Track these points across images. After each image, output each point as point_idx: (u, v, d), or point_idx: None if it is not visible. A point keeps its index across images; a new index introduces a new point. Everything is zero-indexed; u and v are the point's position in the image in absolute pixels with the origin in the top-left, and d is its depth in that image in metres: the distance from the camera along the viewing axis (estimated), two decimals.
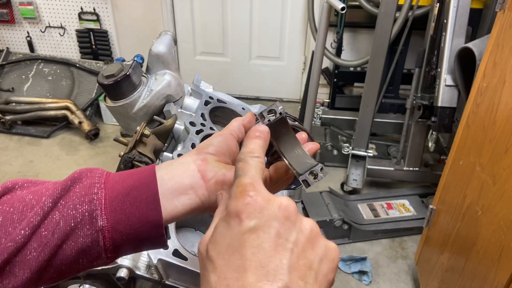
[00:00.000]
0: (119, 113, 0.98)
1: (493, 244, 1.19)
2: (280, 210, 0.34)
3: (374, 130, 2.65)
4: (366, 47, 3.03)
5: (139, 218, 0.41)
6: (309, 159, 0.43)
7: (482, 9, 2.28)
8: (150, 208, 0.41)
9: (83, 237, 0.40)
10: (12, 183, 0.44)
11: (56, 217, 0.40)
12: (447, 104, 1.94)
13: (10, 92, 3.22)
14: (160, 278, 0.75)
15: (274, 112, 0.44)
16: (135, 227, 0.41)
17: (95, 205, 0.40)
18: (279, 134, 0.44)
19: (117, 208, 0.41)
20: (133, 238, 0.42)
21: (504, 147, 1.16)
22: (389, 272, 2.02)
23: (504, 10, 1.23)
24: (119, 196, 0.41)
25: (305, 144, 0.48)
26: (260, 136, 0.42)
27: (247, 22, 3.23)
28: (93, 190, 0.41)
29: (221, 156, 0.46)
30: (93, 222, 0.40)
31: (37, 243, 0.39)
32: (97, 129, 3.00)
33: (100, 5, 3.18)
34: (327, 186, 2.40)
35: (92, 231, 0.40)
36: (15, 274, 0.39)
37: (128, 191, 0.42)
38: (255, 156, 0.39)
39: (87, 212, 0.40)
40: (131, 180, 0.43)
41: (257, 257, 0.32)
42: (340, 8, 1.52)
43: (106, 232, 0.40)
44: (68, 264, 0.41)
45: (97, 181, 0.42)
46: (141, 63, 0.98)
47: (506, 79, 1.18)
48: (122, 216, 0.41)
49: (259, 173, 0.38)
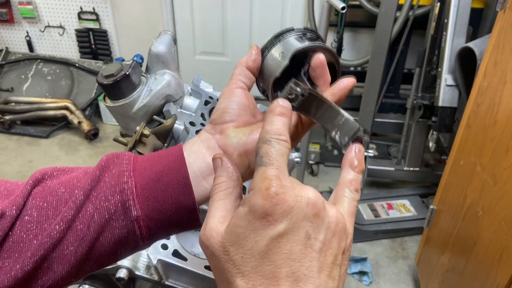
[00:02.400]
0: (119, 113, 0.98)
1: (493, 244, 1.19)
2: (309, 207, 0.32)
3: (375, 130, 2.65)
4: (367, 46, 3.03)
5: (172, 204, 0.40)
6: (350, 122, 0.39)
7: (482, 9, 2.28)
8: (182, 193, 0.40)
9: (119, 228, 0.40)
10: (41, 174, 0.43)
11: (90, 210, 0.39)
12: (447, 104, 1.94)
13: (10, 92, 3.21)
14: (159, 279, 0.74)
15: (297, 96, 0.39)
16: (169, 213, 0.40)
17: (127, 195, 0.39)
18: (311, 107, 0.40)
19: (149, 196, 0.40)
20: (168, 223, 0.41)
21: (505, 147, 1.16)
22: (390, 273, 2.02)
23: (504, 10, 1.22)
24: (150, 183, 0.40)
25: (338, 82, 0.44)
26: (285, 114, 0.36)
27: (247, 22, 3.22)
28: (122, 179, 0.40)
29: (239, 119, 0.44)
30: (127, 212, 0.39)
31: (73, 237, 0.39)
32: (96, 129, 3.00)
33: (99, 4, 3.18)
34: (327, 186, 2.39)
35: (127, 221, 0.39)
36: (54, 270, 0.39)
37: (158, 177, 0.40)
38: (282, 140, 0.34)
39: (120, 202, 0.39)
40: (160, 165, 0.41)
41: (287, 263, 0.31)
42: (340, 7, 1.51)
43: (142, 222, 0.40)
44: (107, 256, 0.41)
45: (125, 168, 0.41)
46: (140, 63, 0.98)
47: (507, 79, 1.18)
48: (155, 204, 0.40)
49: (285, 162, 0.34)
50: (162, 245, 0.73)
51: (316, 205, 0.32)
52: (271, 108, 0.37)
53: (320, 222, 0.32)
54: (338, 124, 0.40)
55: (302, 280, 0.31)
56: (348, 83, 0.44)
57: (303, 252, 0.31)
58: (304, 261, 0.31)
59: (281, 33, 0.46)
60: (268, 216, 0.31)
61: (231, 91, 0.45)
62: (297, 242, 0.31)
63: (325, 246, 0.32)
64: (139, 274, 0.74)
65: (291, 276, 0.31)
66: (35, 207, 0.40)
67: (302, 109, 0.40)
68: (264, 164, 0.33)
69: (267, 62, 0.46)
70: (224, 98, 0.45)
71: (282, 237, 0.31)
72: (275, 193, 0.31)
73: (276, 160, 0.33)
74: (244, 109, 0.44)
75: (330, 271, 0.32)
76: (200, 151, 0.43)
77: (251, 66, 0.46)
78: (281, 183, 0.32)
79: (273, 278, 0.31)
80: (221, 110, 0.44)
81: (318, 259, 0.32)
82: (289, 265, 0.31)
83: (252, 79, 0.47)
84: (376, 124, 2.54)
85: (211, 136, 0.44)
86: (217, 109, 0.45)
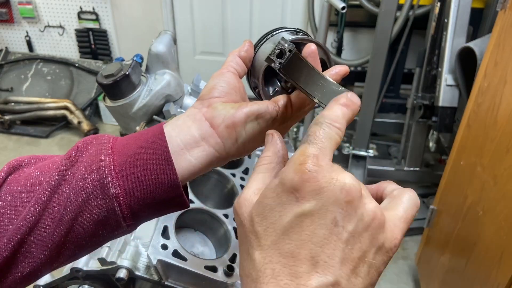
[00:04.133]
0: (119, 113, 0.98)
1: (494, 244, 1.19)
2: (342, 192, 0.30)
3: (375, 130, 2.65)
4: (367, 46, 3.02)
5: (152, 180, 0.39)
6: (335, 87, 0.39)
7: (483, 9, 2.28)
8: (163, 168, 0.39)
9: (97, 208, 0.38)
10: (18, 161, 0.42)
11: (66, 190, 0.38)
12: (448, 104, 1.94)
13: (9, 92, 3.21)
14: (159, 279, 0.74)
15: (283, 52, 0.38)
16: (150, 190, 0.39)
17: (104, 172, 0.38)
18: (295, 71, 0.39)
19: (128, 173, 0.39)
20: (151, 201, 0.39)
21: (505, 147, 1.16)
22: (390, 273, 2.02)
23: (505, 10, 1.22)
24: (128, 160, 0.39)
25: (332, 68, 0.44)
26: (349, 105, 0.34)
27: (247, 22, 3.22)
28: (100, 158, 0.39)
29: (227, 97, 0.43)
30: (105, 190, 0.38)
31: (50, 219, 0.38)
32: (96, 129, 2.99)
33: (99, 4, 3.18)
34: None
35: (106, 200, 0.38)
36: (33, 254, 0.38)
37: (137, 154, 0.39)
38: (336, 127, 0.32)
39: (97, 180, 0.38)
40: (139, 141, 0.40)
41: (308, 245, 0.29)
42: (340, 7, 1.51)
43: (121, 199, 0.38)
44: (87, 237, 0.39)
45: (103, 147, 0.40)
46: (140, 62, 0.98)
47: (507, 79, 1.18)
48: (135, 181, 0.38)
49: (332, 146, 0.32)
50: (162, 245, 0.73)
51: (350, 192, 0.30)
52: (337, 98, 0.35)
53: (352, 212, 0.30)
54: (321, 90, 0.39)
55: (321, 267, 0.29)
56: (341, 68, 0.43)
57: (327, 238, 0.30)
58: (327, 247, 0.29)
59: (273, 29, 0.47)
60: (296, 191, 0.30)
61: (221, 72, 0.45)
62: (322, 225, 0.30)
63: (353, 238, 0.30)
64: (139, 274, 0.73)
65: (310, 260, 0.29)
66: (9, 192, 0.39)
67: (287, 69, 0.39)
68: (308, 142, 0.32)
69: (258, 56, 0.47)
70: (214, 77, 0.45)
71: (307, 217, 0.30)
72: (308, 169, 0.30)
73: (322, 141, 0.32)
74: (233, 88, 0.44)
75: (355, 267, 0.30)
76: (185, 124, 0.42)
77: (243, 55, 0.46)
78: (318, 162, 0.30)
79: (290, 258, 0.30)
80: (210, 87, 0.44)
81: (343, 249, 0.30)
82: (309, 248, 0.29)
83: (244, 68, 0.46)
84: (376, 124, 2.54)
85: (198, 110, 0.43)
86: (205, 87, 0.45)
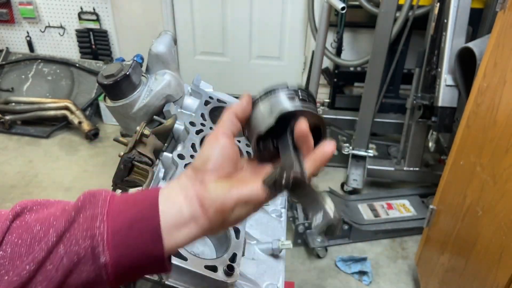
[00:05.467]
0: (119, 113, 0.98)
1: (493, 244, 1.19)
2: None
3: (374, 130, 2.65)
4: (366, 47, 3.03)
5: (142, 252, 0.42)
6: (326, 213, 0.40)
7: (482, 9, 2.28)
8: (153, 242, 0.42)
9: (86, 272, 0.41)
10: (21, 207, 0.44)
11: (60, 252, 0.41)
12: (447, 104, 1.94)
13: (10, 92, 3.21)
14: (160, 279, 0.74)
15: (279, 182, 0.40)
16: (137, 260, 0.42)
17: (97, 241, 0.40)
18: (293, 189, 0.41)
19: (119, 242, 0.41)
20: (136, 269, 0.42)
21: (504, 147, 1.16)
22: (390, 273, 2.02)
23: (504, 10, 1.23)
24: (122, 230, 0.41)
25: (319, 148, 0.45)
26: None
27: (247, 22, 3.22)
28: (95, 224, 0.41)
29: (220, 170, 0.44)
30: (96, 258, 0.40)
31: (42, 277, 0.40)
32: (96, 129, 3.00)
33: (99, 5, 3.18)
34: (327, 186, 2.40)
35: (95, 266, 0.41)
36: None
37: (131, 224, 0.42)
38: None
39: (90, 247, 0.40)
40: (134, 209, 0.42)
41: None
42: (340, 8, 1.52)
43: (110, 268, 0.41)
44: None
45: (99, 211, 0.42)
46: (141, 63, 0.98)
47: (506, 79, 1.18)
48: (125, 251, 0.41)
49: None
50: None
51: None
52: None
53: None
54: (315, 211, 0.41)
55: None
56: (328, 150, 0.44)
57: None
58: None
59: (273, 88, 0.47)
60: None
61: (216, 138, 0.45)
62: None
63: None
64: None
65: None
66: (10, 242, 0.41)
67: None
68: None
69: (255, 114, 0.47)
70: (208, 145, 0.45)
71: None
72: None
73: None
74: (227, 158, 0.45)
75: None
76: (177, 199, 0.43)
77: (239, 115, 0.47)
78: None
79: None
80: (204, 157, 0.45)
81: None
82: None
83: (239, 127, 0.47)
84: (376, 124, 2.54)
85: (191, 184, 0.44)
86: (200, 156, 0.45)
